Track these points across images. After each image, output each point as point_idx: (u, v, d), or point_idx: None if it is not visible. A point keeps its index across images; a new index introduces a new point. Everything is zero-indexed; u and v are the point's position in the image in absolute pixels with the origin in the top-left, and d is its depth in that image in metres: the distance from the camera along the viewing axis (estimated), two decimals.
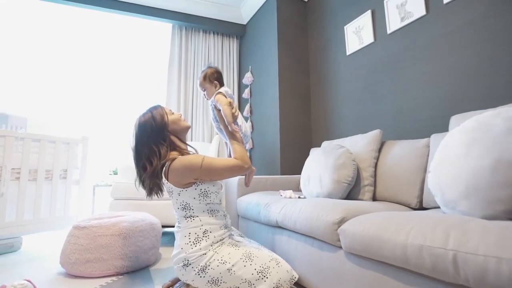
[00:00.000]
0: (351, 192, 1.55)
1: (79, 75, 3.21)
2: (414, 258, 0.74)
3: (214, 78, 1.51)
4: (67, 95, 3.14)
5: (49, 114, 3.03)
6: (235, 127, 1.32)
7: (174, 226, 1.29)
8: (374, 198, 1.54)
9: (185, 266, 1.12)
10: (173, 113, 1.33)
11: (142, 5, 2.97)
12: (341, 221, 1.06)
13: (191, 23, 3.19)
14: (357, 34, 2.18)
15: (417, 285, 0.77)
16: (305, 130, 2.67)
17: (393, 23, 1.87)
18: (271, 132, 2.67)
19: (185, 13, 3.15)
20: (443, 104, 1.57)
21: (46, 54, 3.06)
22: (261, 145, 2.87)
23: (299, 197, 1.63)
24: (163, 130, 1.25)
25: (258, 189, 2.06)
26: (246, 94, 3.16)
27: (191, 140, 3.15)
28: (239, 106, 3.36)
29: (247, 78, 3.15)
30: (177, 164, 1.14)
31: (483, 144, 0.84)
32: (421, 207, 1.33)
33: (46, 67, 3.05)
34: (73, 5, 2.77)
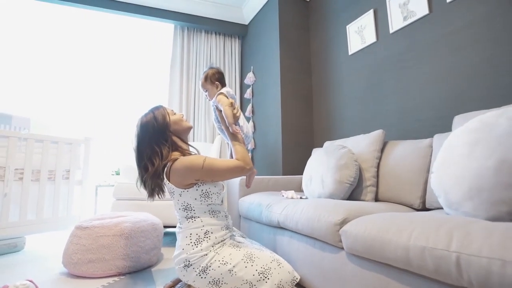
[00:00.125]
0: (353, 193, 1.54)
1: (82, 76, 3.22)
2: (417, 260, 0.73)
3: (215, 78, 1.51)
4: (70, 96, 3.16)
5: (52, 114, 3.05)
6: (236, 128, 1.32)
7: (176, 227, 1.29)
8: (377, 199, 1.53)
9: (186, 267, 1.12)
10: (175, 113, 1.33)
11: (144, 5, 2.98)
12: (343, 222, 1.05)
13: (193, 23, 3.19)
14: (359, 33, 2.17)
15: (419, 287, 0.76)
16: (307, 130, 2.66)
17: (396, 22, 1.86)
18: (273, 132, 2.66)
19: (187, 14, 3.15)
20: (447, 104, 1.55)
21: (50, 55, 3.08)
22: (263, 145, 2.87)
23: (301, 197, 1.62)
24: (165, 131, 1.25)
25: (260, 189, 2.05)
26: (248, 94, 3.16)
27: (193, 140, 3.15)
28: (241, 107, 3.36)
29: (249, 78, 3.14)
30: (178, 164, 1.14)
31: (486, 144, 0.83)
32: (424, 208, 1.32)
33: (49, 68, 3.07)
34: (76, 6, 2.79)
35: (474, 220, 0.74)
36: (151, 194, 1.25)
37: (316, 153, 1.78)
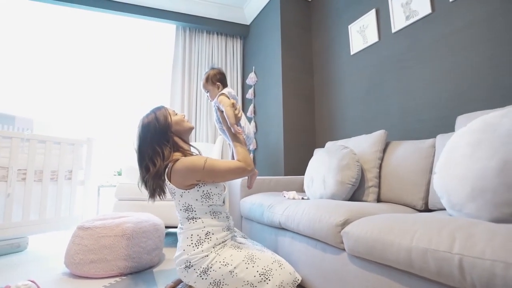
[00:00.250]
0: (355, 193, 1.53)
1: (84, 76, 3.24)
2: (419, 262, 0.72)
3: (216, 79, 1.50)
4: (72, 97, 3.17)
5: (55, 115, 3.06)
6: (237, 129, 1.32)
7: (177, 227, 1.29)
8: (379, 200, 1.52)
9: (187, 268, 1.12)
10: (176, 114, 1.33)
11: (146, 6, 2.98)
12: (345, 223, 1.05)
13: (194, 24, 3.20)
14: (361, 33, 2.16)
15: None
16: (309, 130, 2.65)
17: (398, 22, 1.85)
18: (274, 133, 2.66)
19: (188, 14, 3.16)
20: (449, 104, 1.54)
21: (53, 57, 3.10)
22: (264, 145, 2.86)
23: (302, 198, 1.62)
24: (166, 131, 1.25)
25: (262, 190, 2.05)
26: (249, 94, 3.16)
27: (195, 140, 3.15)
28: (243, 107, 3.35)
29: (251, 79, 3.14)
30: (179, 165, 1.14)
31: (489, 145, 0.82)
32: (426, 209, 1.31)
33: (52, 69, 3.09)
34: (79, 7, 2.80)
35: (477, 221, 0.73)
36: (152, 195, 1.25)
37: (318, 153, 1.77)
